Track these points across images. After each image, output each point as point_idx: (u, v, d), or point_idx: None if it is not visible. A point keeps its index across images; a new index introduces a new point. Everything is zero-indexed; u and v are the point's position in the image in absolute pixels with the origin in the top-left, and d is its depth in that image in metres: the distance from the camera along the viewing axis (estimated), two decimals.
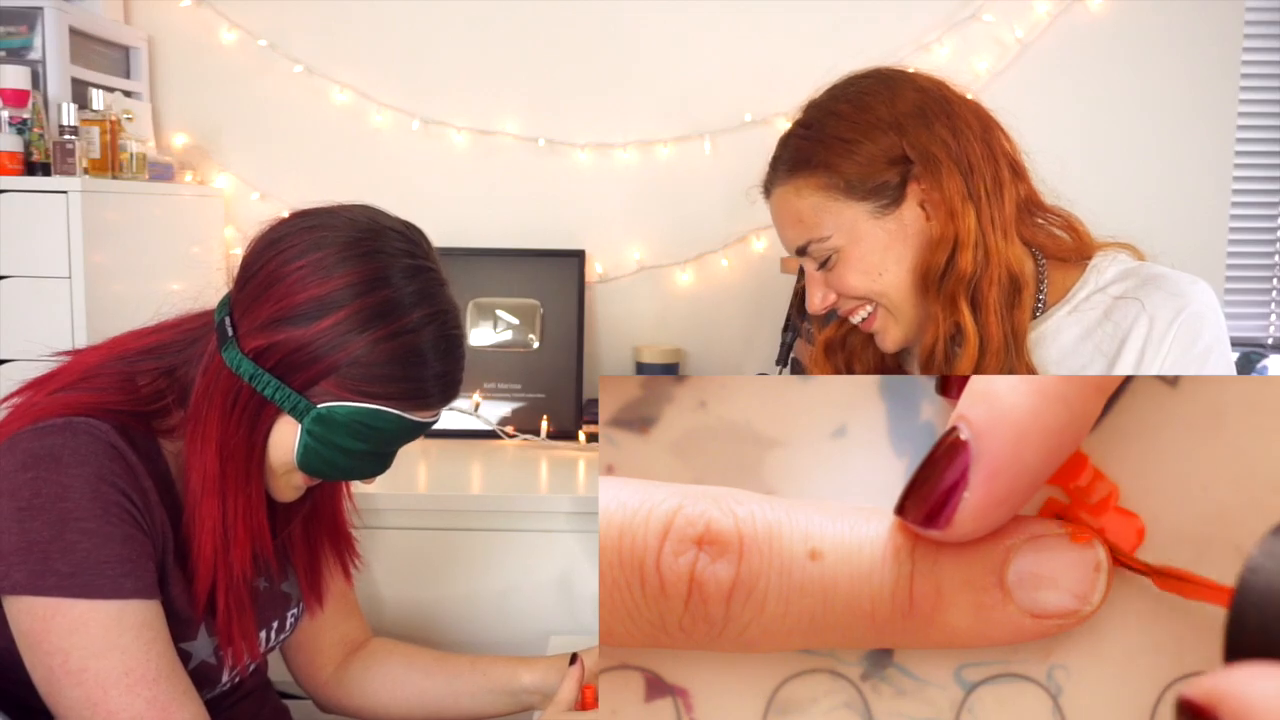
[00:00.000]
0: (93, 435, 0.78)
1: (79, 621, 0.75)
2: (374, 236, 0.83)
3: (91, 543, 0.76)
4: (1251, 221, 1.96)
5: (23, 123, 1.43)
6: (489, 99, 1.84)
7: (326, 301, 0.79)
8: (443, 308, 0.84)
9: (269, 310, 0.80)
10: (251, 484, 0.84)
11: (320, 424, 0.81)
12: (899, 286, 0.96)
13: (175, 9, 1.81)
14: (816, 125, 0.97)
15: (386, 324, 0.80)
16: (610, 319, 1.88)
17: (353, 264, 0.80)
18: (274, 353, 0.80)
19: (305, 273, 0.80)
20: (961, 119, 0.94)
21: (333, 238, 0.81)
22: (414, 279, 0.82)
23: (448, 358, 0.84)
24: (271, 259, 0.81)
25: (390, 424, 0.82)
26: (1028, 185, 0.98)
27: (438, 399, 0.85)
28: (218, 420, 0.81)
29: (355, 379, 0.80)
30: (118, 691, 0.76)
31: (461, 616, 1.39)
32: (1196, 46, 1.80)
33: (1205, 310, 0.91)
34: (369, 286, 0.80)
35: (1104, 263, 0.98)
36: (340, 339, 0.79)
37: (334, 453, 0.83)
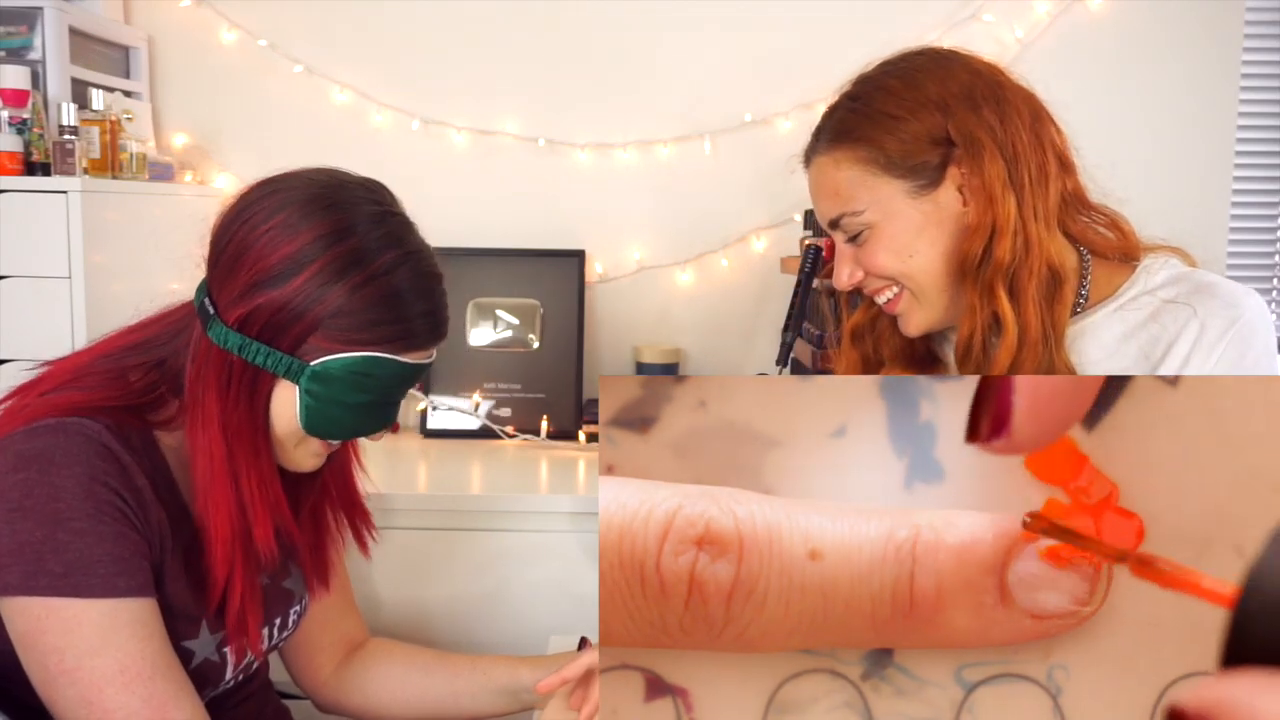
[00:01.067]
0: (84, 435, 0.78)
1: (73, 621, 0.75)
2: (336, 190, 0.84)
3: (83, 542, 0.76)
4: (1251, 221, 1.95)
5: (23, 123, 1.43)
6: (489, 99, 1.84)
7: (298, 258, 0.80)
8: (413, 248, 0.85)
9: (244, 278, 0.81)
10: (261, 459, 0.84)
11: (316, 381, 0.82)
12: (928, 270, 0.95)
13: (175, 9, 1.81)
14: (864, 98, 0.96)
15: (360, 271, 0.81)
16: (610, 319, 1.88)
17: (318, 218, 0.81)
18: (257, 318, 0.80)
19: (273, 234, 0.81)
20: (1011, 105, 0.93)
21: (295, 196, 0.82)
22: (380, 224, 0.83)
23: (428, 296, 0.85)
24: (238, 229, 0.82)
25: (385, 369, 0.83)
26: (1075, 180, 0.97)
27: (426, 338, 0.85)
28: (216, 400, 0.82)
29: (341, 329, 0.81)
30: (113, 689, 0.76)
31: (461, 616, 1.39)
32: (1196, 46, 1.80)
33: (1258, 322, 0.90)
34: (336, 237, 0.81)
35: (1155, 264, 0.97)
36: (317, 292, 0.80)
37: (336, 409, 0.83)
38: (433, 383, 1.75)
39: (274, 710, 1.02)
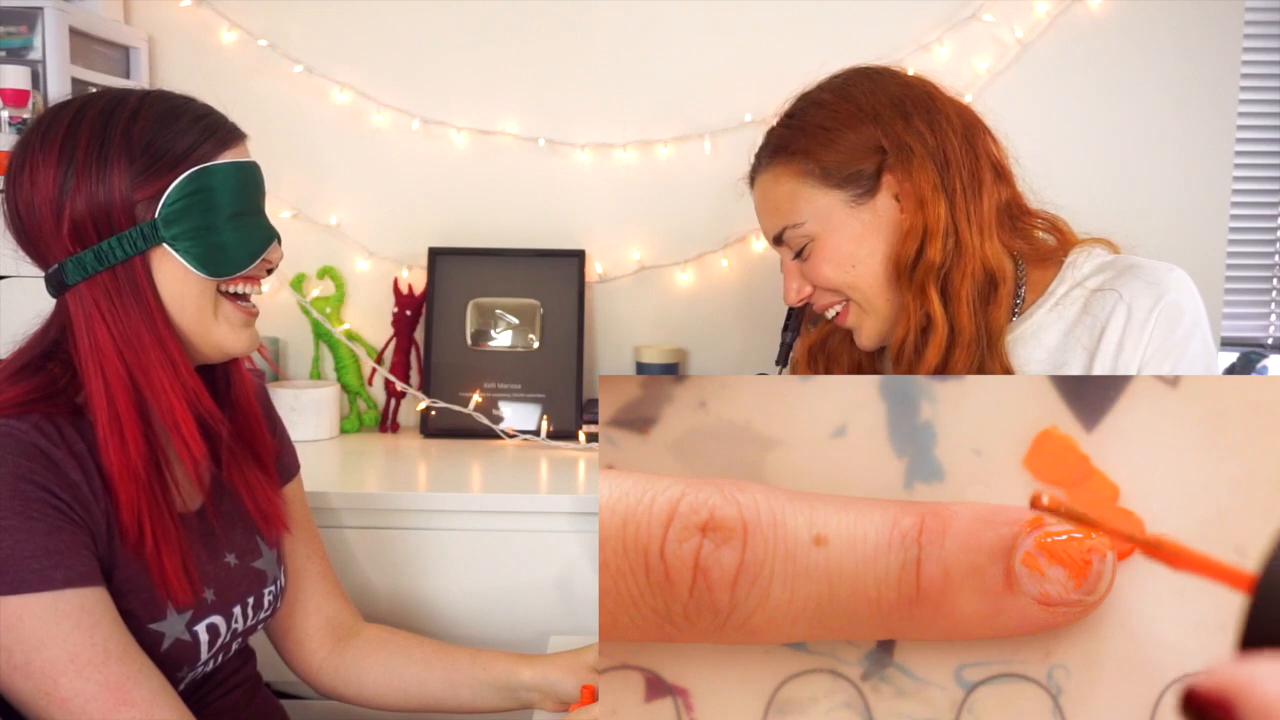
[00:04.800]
0: (10, 436, 0.78)
1: (14, 617, 0.75)
2: (45, 114, 0.86)
3: (13, 539, 0.75)
4: (1251, 221, 1.95)
5: (23, 123, 1.44)
6: (489, 99, 1.84)
7: (63, 168, 0.82)
8: (141, 93, 0.87)
9: (48, 216, 0.82)
10: (167, 348, 0.84)
11: (172, 223, 0.83)
12: (871, 279, 0.97)
13: (175, 9, 1.81)
14: (799, 114, 0.99)
15: (113, 138, 0.83)
16: (610, 319, 1.88)
17: (49, 136, 0.83)
18: (83, 223, 0.82)
19: (33, 171, 0.83)
20: (943, 115, 0.95)
21: (21, 142, 0.85)
22: (98, 99, 0.86)
23: (185, 111, 0.87)
24: (14, 198, 0.85)
25: (215, 178, 0.85)
26: (1011, 189, 0.99)
27: (214, 140, 0.87)
28: (104, 325, 0.83)
29: (145, 177, 0.83)
30: (66, 679, 0.76)
31: (460, 617, 1.39)
32: (1196, 46, 1.80)
33: (1183, 298, 0.92)
34: (72, 135, 0.83)
35: (1080, 258, 0.99)
36: (103, 175, 0.82)
37: (211, 235, 0.85)
38: (433, 383, 1.75)
39: (263, 701, 1.02)
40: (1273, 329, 2.00)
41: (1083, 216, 1.06)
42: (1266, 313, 1.99)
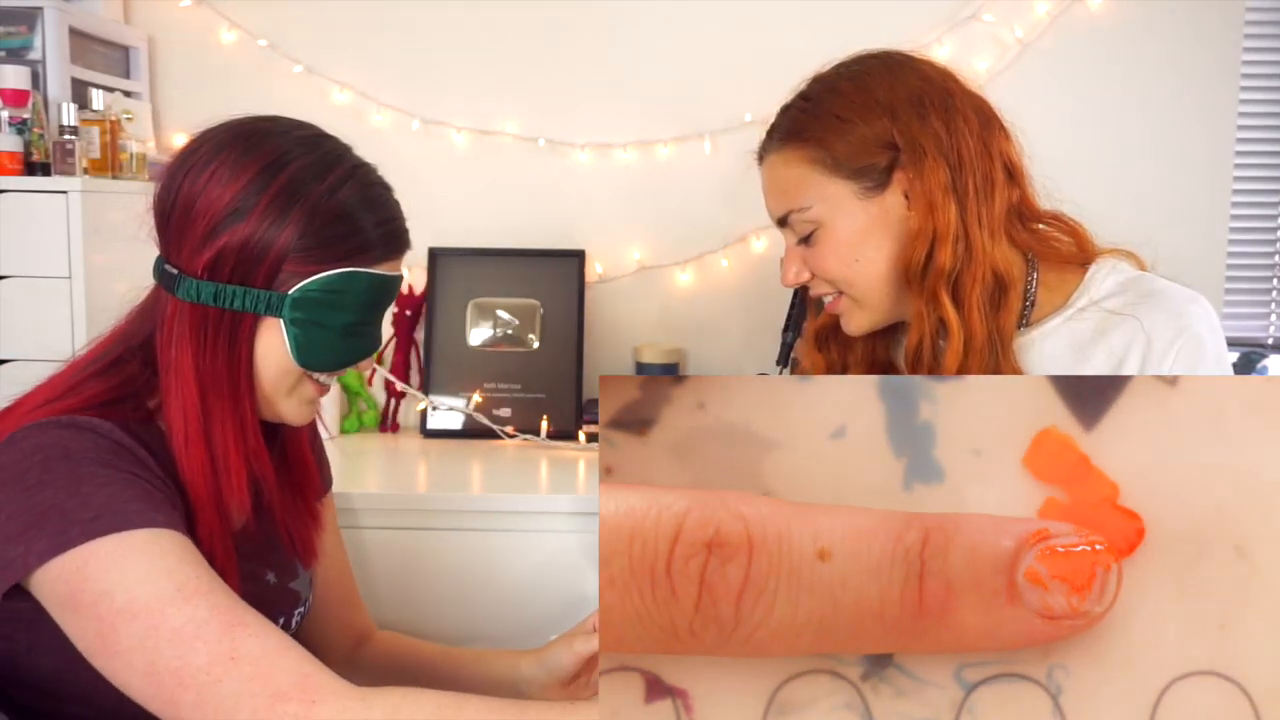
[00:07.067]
0: (95, 432, 0.78)
1: (115, 554, 0.72)
2: (259, 123, 0.85)
3: (110, 489, 0.74)
4: (1251, 221, 1.95)
5: (23, 123, 1.43)
6: (489, 99, 1.84)
7: (246, 195, 0.80)
8: (352, 165, 0.86)
9: (201, 225, 0.81)
10: (241, 404, 0.83)
11: (299, 308, 0.82)
12: (872, 277, 0.96)
13: (175, 9, 1.81)
14: (815, 99, 0.98)
15: (305, 199, 0.81)
16: (610, 319, 1.88)
17: (252, 155, 0.82)
18: (226, 258, 0.81)
19: (217, 176, 0.81)
20: (960, 113, 0.94)
21: (224, 139, 0.83)
22: (313, 150, 0.84)
23: (379, 207, 0.86)
24: (181, 184, 0.82)
25: (359, 283, 0.84)
26: (1023, 189, 0.98)
27: (386, 247, 0.86)
28: (191, 354, 0.81)
29: (307, 251, 0.82)
30: (174, 608, 0.71)
31: (461, 616, 1.39)
32: (1196, 46, 1.80)
33: (1205, 332, 0.90)
34: (275, 169, 0.81)
35: (1102, 272, 0.97)
36: (274, 227, 0.81)
37: (324, 333, 0.84)
38: (433, 383, 1.75)
39: None
40: (1273, 329, 2.00)
41: (1082, 217, 1.05)
42: (1266, 313, 1.99)
